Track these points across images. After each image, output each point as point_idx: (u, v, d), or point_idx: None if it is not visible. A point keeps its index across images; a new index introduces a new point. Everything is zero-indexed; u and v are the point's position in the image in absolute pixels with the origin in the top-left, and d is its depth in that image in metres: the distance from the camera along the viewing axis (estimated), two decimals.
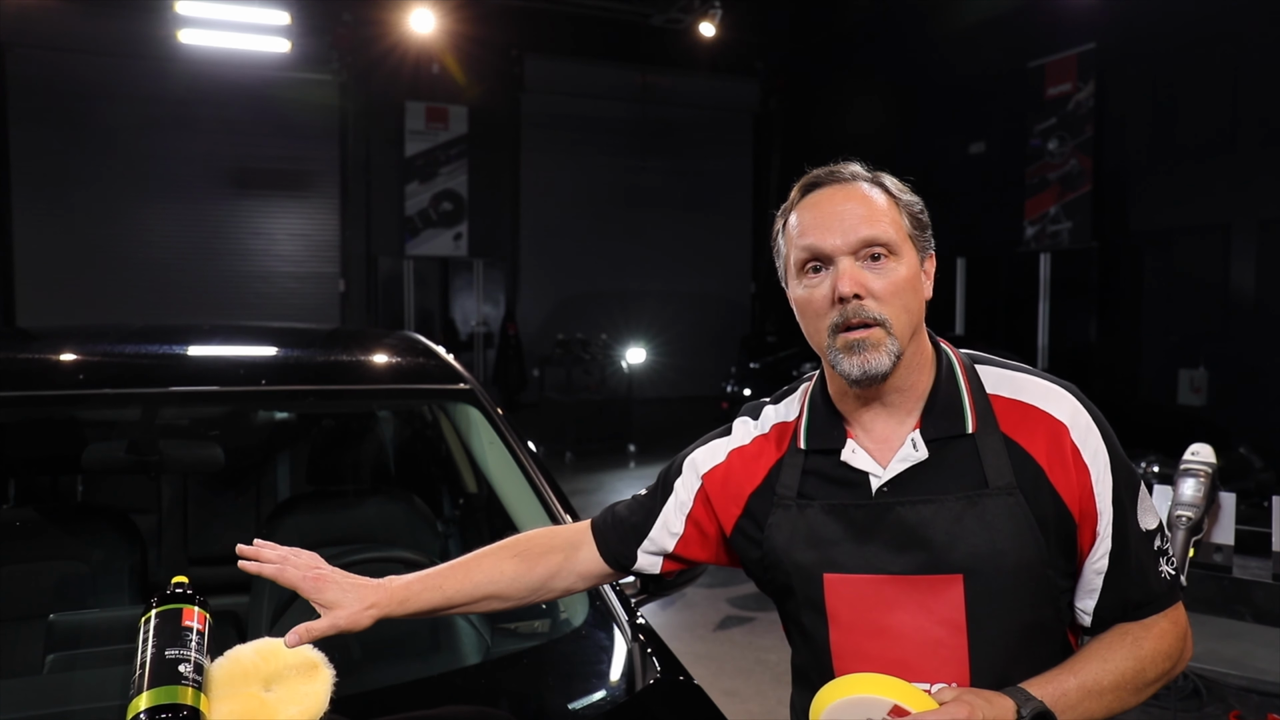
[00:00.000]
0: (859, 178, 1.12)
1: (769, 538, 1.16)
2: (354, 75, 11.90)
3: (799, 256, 1.10)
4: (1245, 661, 3.71)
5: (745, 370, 10.22)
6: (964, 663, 1.06)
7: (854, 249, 1.07)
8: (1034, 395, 1.11)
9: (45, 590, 1.84)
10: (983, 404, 1.11)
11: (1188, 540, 1.88)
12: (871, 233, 1.07)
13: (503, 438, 1.86)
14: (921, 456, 1.09)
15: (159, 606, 1.14)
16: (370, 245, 12.40)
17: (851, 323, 1.06)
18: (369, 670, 1.46)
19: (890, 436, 1.12)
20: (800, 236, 1.10)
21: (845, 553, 1.10)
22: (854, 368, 1.06)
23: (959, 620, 1.06)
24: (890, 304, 1.07)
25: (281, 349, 2.21)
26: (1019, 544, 1.05)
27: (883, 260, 1.07)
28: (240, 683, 1.15)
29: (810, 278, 1.10)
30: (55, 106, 10.94)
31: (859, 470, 1.12)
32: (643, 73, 13.27)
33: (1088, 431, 1.09)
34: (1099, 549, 1.09)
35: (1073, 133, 9.57)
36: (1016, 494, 1.06)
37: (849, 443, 1.13)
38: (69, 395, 1.75)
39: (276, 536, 2.02)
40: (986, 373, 1.15)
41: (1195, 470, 1.97)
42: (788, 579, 1.15)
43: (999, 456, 1.08)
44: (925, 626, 1.07)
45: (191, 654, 1.10)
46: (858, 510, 1.10)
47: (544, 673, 1.45)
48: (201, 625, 1.15)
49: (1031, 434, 1.09)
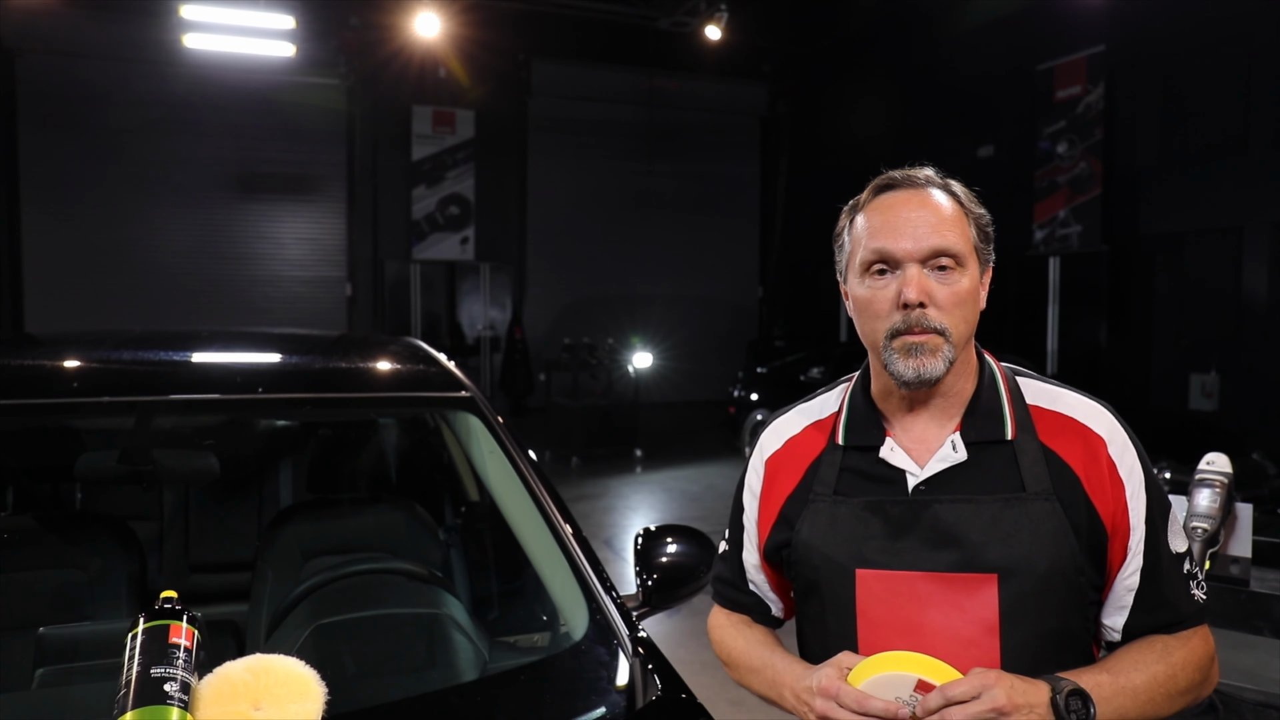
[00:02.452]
0: (933, 184, 1.13)
1: (799, 531, 1.17)
2: (360, 79, 11.93)
3: (866, 257, 1.11)
4: (1261, 673, 3.66)
5: (752, 375, 10.18)
6: (995, 664, 1.06)
7: (923, 257, 1.08)
8: (1073, 409, 1.14)
9: (42, 599, 1.81)
10: (1022, 413, 1.13)
11: (1204, 552, 1.84)
12: (942, 243, 1.08)
13: (503, 446, 1.83)
14: (960, 458, 1.11)
15: (146, 622, 1.11)
16: (377, 249, 12.41)
17: (914, 329, 1.08)
18: (362, 688, 1.43)
19: (929, 438, 1.13)
20: (870, 238, 1.11)
21: (879, 549, 1.11)
22: (908, 370, 1.08)
23: (992, 621, 1.06)
24: (952, 314, 1.08)
25: (280, 356, 2.18)
26: (1054, 549, 1.07)
27: (949, 271, 1.09)
28: (229, 700, 1.12)
29: (875, 279, 1.11)
30: (63, 111, 11.00)
31: (896, 468, 1.13)
32: (650, 76, 13.26)
33: (1125, 448, 1.11)
34: (1130, 564, 1.10)
35: (1082, 135, 9.51)
36: (1053, 500, 1.08)
37: (888, 440, 1.14)
38: (65, 404, 1.73)
39: (277, 545, 2.00)
40: (1027, 385, 1.17)
41: (1211, 480, 1.92)
42: (815, 574, 1.15)
43: (1037, 463, 1.09)
44: (957, 626, 1.07)
45: (178, 672, 1.07)
46: (894, 507, 1.11)
47: (542, 690, 1.42)
48: (189, 641, 1.11)
49: (1069, 445, 1.11)
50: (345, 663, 1.50)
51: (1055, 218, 9.83)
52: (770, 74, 14.16)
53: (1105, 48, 9.25)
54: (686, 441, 10.68)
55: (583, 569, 1.61)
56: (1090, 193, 9.46)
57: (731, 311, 14.15)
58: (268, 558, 1.94)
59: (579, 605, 1.56)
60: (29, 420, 2.05)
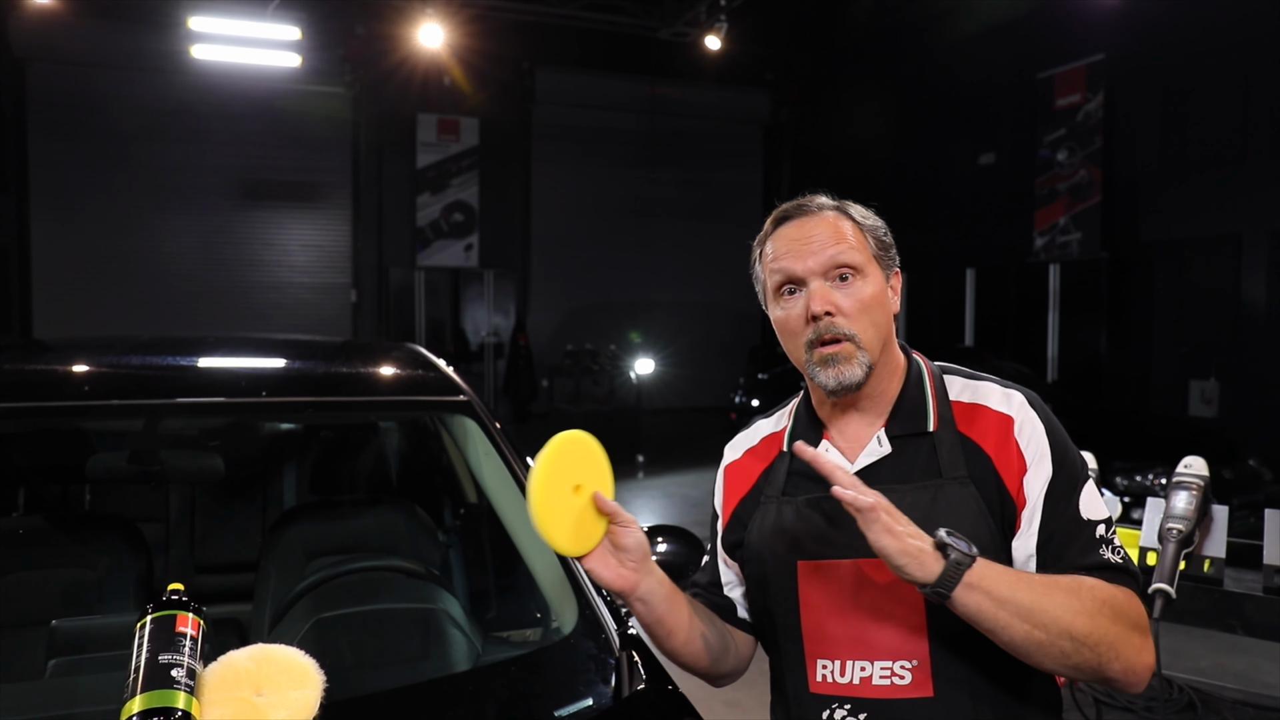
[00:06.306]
0: (825, 208, 1.23)
1: (750, 531, 1.26)
2: (366, 88, 12.02)
3: (775, 280, 1.21)
4: (1250, 675, 3.69)
5: (754, 381, 10.23)
6: (923, 640, 1.13)
7: (824, 270, 1.17)
8: (988, 397, 1.21)
9: (52, 597, 1.87)
10: (945, 407, 1.21)
11: (1178, 553, 1.88)
12: (839, 255, 1.17)
13: (498, 449, 1.89)
14: (885, 451, 1.19)
15: (154, 613, 1.17)
16: (382, 256, 12.49)
17: (824, 338, 1.16)
18: (359, 676, 1.49)
19: (861, 436, 1.22)
20: (774, 261, 1.21)
21: (817, 540, 1.19)
22: (830, 379, 1.17)
23: (917, 600, 1.12)
24: (859, 320, 1.16)
25: (283, 361, 2.25)
26: (972, 528, 1.12)
27: (850, 280, 1.17)
28: (232, 687, 1.18)
29: (786, 299, 1.20)
30: (72, 119, 11.11)
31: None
32: (652, 84, 13.33)
33: (1031, 426, 1.17)
34: (1025, 535, 1.14)
35: (1082, 143, 9.56)
36: (968, 484, 1.15)
37: (824, 443, 1.23)
38: (75, 406, 1.79)
39: (280, 545, 2.06)
40: (952, 381, 1.25)
41: (1187, 483, 1.97)
42: (763, 568, 1.23)
43: (954, 451, 1.17)
44: (888, 606, 1.15)
45: (185, 659, 1.13)
46: (829, 501, 1.16)
47: (532, 680, 1.48)
48: (195, 631, 1.17)
49: (984, 430, 1.18)
50: (344, 654, 1.56)
51: (1055, 225, 9.87)
52: (773, 82, 14.22)
53: (1105, 56, 9.30)
54: (688, 447, 10.72)
55: (573, 567, 1.67)
56: (1090, 200, 9.50)
57: (733, 318, 14.18)
58: (271, 558, 2.00)
59: (569, 602, 1.62)
60: (41, 422, 2.11)
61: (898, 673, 1.14)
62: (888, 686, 1.14)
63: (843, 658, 1.16)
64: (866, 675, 1.15)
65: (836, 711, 1.16)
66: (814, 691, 1.18)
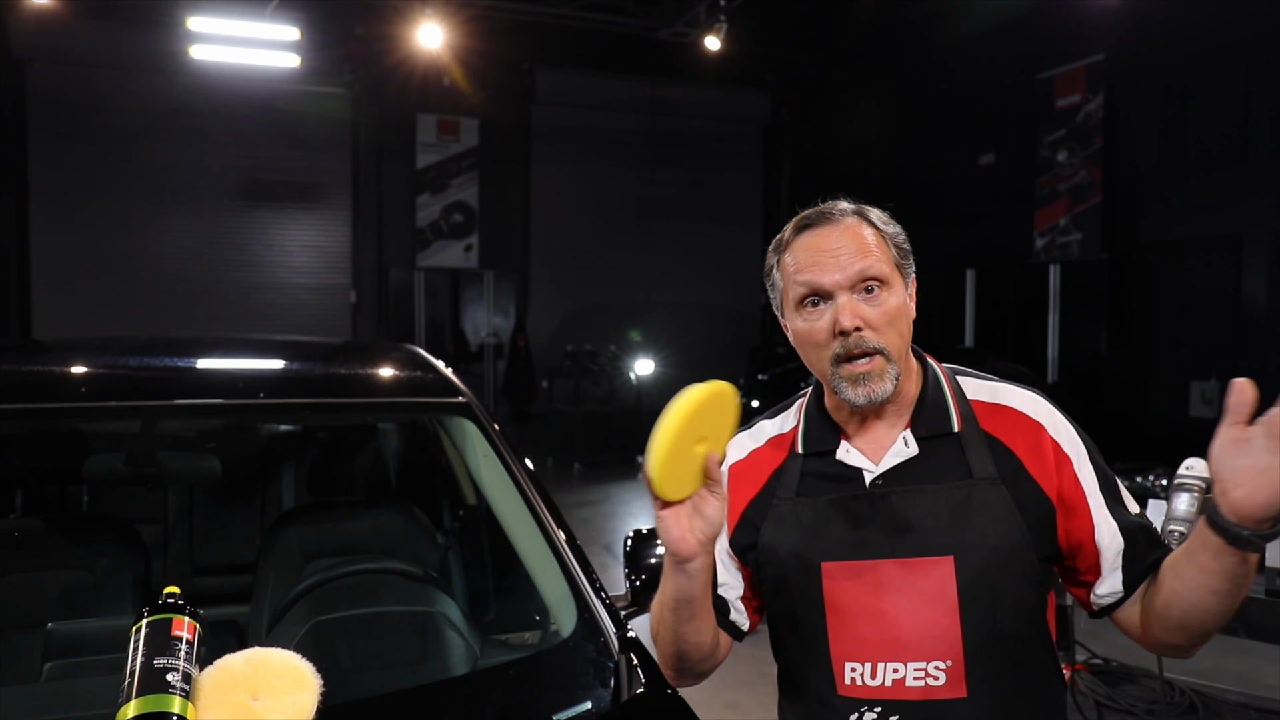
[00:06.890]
0: (848, 215, 1.21)
1: (764, 533, 1.23)
2: (365, 88, 12.01)
3: (799, 292, 1.19)
4: (1252, 678, 3.68)
5: (754, 382, 10.22)
6: (957, 641, 1.13)
7: (851, 284, 1.16)
8: (1010, 399, 1.22)
9: (49, 599, 1.86)
10: (965, 407, 1.21)
11: None
12: (866, 268, 1.16)
13: (496, 450, 1.88)
14: (913, 452, 1.19)
15: (149, 616, 1.16)
16: (382, 256, 12.49)
17: (854, 353, 1.15)
18: (356, 680, 1.48)
19: (882, 438, 1.21)
20: (799, 273, 1.18)
21: (842, 541, 1.18)
22: (859, 397, 1.16)
23: (952, 600, 1.12)
24: (886, 332, 1.16)
25: (282, 362, 2.24)
26: (1004, 528, 1.13)
27: (876, 292, 1.16)
28: (228, 691, 1.17)
29: (810, 311, 1.18)
30: (72, 119, 11.10)
31: (853, 467, 1.21)
32: (652, 85, 13.32)
33: (1064, 428, 1.20)
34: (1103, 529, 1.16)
35: (1082, 144, 9.55)
36: (999, 484, 1.16)
37: (843, 443, 1.22)
38: (72, 408, 1.79)
39: (278, 547, 2.05)
40: (966, 382, 1.26)
41: (1189, 485, 1.96)
42: (783, 570, 1.21)
43: (982, 451, 1.18)
44: (919, 608, 1.14)
45: (180, 663, 1.12)
46: (854, 501, 1.18)
47: (530, 684, 1.47)
48: (191, 635, 1.17)
49: (1011, 432, 1.19)
50: (341, 657, 1.55)
51: (1056, 226, 9.87)
52: (773, 82, 14.21)
53: (1105, 56, 9.29)
54: None
55: (572, 570, 1.66)
56: (1090, 201, 9.49)
57: (733, 319, 14.17)
58: (269, 559, 1.99)
59: (568, 604, 1.61)
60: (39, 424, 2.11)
61: (932, 674, 1.13)
62: (921, 688, 1.13)
63: (873, 660, 1.15)
64: (900, 677, 1.14)
65: (866, 714, 1.15)
66: (843, 694, 1.16)
